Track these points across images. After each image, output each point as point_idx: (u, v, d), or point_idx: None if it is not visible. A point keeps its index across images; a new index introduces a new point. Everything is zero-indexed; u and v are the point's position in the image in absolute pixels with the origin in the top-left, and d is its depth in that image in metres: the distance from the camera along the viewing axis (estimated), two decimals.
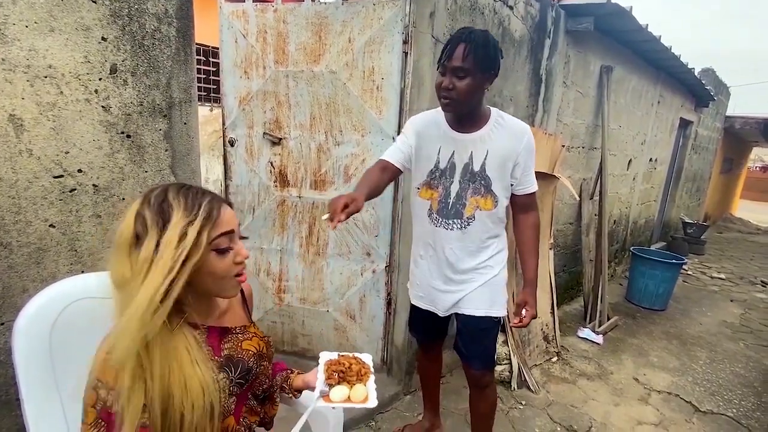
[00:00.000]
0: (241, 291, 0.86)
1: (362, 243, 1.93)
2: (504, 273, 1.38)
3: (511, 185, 1.30)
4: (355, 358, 0.91)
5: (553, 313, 2.62)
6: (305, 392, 0.93)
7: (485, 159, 1.25)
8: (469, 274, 1.36)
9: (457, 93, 1.14)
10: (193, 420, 0.64)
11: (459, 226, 1.31)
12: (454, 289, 1.38)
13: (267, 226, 2.01)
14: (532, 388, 2.16)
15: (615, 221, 3.99)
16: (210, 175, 5.35)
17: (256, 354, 0.80)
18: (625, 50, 3.20)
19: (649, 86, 3.85)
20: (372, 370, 0.89)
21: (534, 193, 1.32)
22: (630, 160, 3.90)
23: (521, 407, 2.04)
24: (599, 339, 2.81)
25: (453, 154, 1.28)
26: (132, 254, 0.62)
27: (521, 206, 1.34)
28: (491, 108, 1.28)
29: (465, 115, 1.23)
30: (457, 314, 1.40)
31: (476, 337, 1.39)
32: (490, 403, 1.50)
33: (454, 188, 1.29)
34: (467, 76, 1.12)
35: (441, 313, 1.43)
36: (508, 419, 1.94)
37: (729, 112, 7.13)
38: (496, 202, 1.29)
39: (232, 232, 0.69)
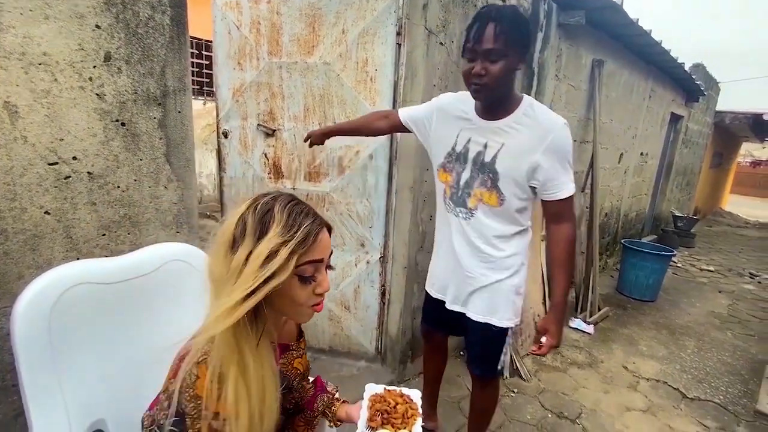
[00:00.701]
0: None
1: (356, 234, 1.95)
2: (514, 280, 1.27)
3: (534, 188, 1.17)
4: (402, 396, 0.85)
5: (544, 303, 2.66)
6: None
7: (498, 152, 1.15)
8: (472, 272, 1.29)
9: (490, 78, 1.04)
10: (269, 425, 0.65)
11: (463, 216, 1.26)
12: (459, 282, 1.33)
13: None
14: (524, 376, 2.20)
15: (606, 214, 4.04)
16: (203, 169, 5.33)
17: (301, 374, 0.82)
18: (616, 44, 3.23)
19: (641, 81, 3.89)
20: (420, 411, 0.82)
21: (567, 199, 1.15)
22: (621, 154, 3.94)
23: (513, 395, 2.08)
24: (590, 329, 2.86)
25: (470, 139, 1.21)
26: (227, 256, 0.63)
27: (551, 215, 1.20)
28: (525, 96, 1.17)
29: (498, 100, 1.13)
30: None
31: (478, 341, 1.36)
32: (489, 400, 1.47)
33: (465, 175, 1.23)
34: (501, 59, 1.02)
35: (447, 304, 1.39)
36: (500, 407, 1.97)
37: (719, 107, 7.21)
38: (503, 200, 1.18)
39: (321, 261, 0.67)
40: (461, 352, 2.36)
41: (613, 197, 4.08)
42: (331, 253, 0.71)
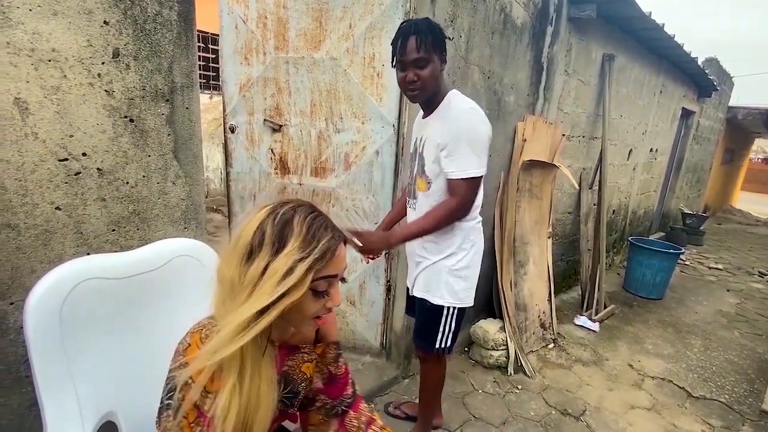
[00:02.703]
0: None
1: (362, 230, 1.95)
2: (448, 262, 1.35)
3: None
4: None
5: (550, 300, 2.65)
6: None
7: (425, 141, 1.32)
8: (417, 256, 1.42)
9: (422, 82, 1.20)
10: None
11: (412, 205, 1.42)
12: (411, 267, 1.48)
13: None
14: (528, 373, 2.21)
15: (614, 211, 4.01)
16: (210, 163, 5.35)
17: (308, 378, 0.81)
18: (627, 38, 3.18)
19: (652, 75, 3.83)
20: None
21: (459, 180, 1.22)
22: (630, 150, 3.89)
23: (517, 391, 2.08)
24: (595, 326, 2.85)
25: (417, 139, 1.39)
26: (242, 264, 0.61)
27: (448, 190, 1.28)
28: (451, 91, 1.30)
29: (430, 98, 1.28)
30: None
31: (419, 316, 1.46)
32: (427, 379, 1.55)
33: (413, 169, 1.41)
34: (427, 64, 1.18)
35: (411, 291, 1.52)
36: (504, 402, 1.98)
37: (732, 103, 7.08)
38: (429, 183, 1.32)
39: (335, 276, 0.67)
40: (466, 348, 2.37)
41: (621, 194, 4.03)
42: (345, 266, 0.71)
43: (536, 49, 2.34)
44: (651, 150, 4.42)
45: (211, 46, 5.23)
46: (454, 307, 1.38)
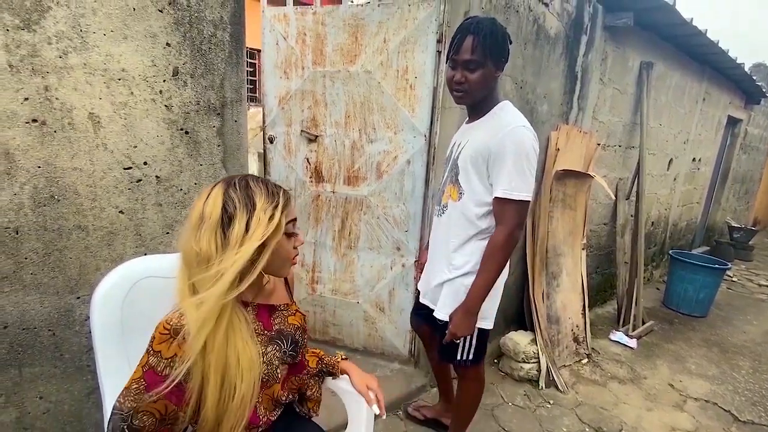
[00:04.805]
0: None
1: (392, 238, 1.99)
2: (466, 280, 1.26)
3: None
4: None
5: (584, 314, 2.58)
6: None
7: (463, 148, 1.25)
8: (436, 267, 1.37)
9: (469, 85, 1.15)
10: (242, 390, 0.72)
11: (438, 213, 1.37)
12: (429, 277, 1.42)
13: (302, 219, 2.11)
14: (560, 388, 2.15)
15: (653, 223, 3.85)
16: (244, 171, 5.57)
17: (299, 327, 0.90)
18: (667, 45, 3.08)
19: (694, 83, 3.68)
20: None
21: (505, 201, 1.14)
22: (671, 160, 3.74)
23: (549, 406, 2.03)
24: (633, 343, 2.73)
25: (454, 144, 1.33)
26: (219, 232, 0.70)
27: (494, 215, 1.20)
28: (503, 101, 1.24)
29: (477, 103, 1.23)
30: None
31: (438, 330, 1.38)
32: (464, 394, 1.51)
33: (445, 175, 1.35)
34: (479, 68, 1.12)
35: (421, 298, 1.48)
36: (535, 417, 1.94)
37: None
38: (461, 194, 1.24)
39: (295, 220, 0.82)
40: (495, 359, 2.34)
41: (660, 205, 3.87)
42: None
43: (570, 59, 2.32)
44: (693, 159, 4.22)
45: (248, 60, 5.48)
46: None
